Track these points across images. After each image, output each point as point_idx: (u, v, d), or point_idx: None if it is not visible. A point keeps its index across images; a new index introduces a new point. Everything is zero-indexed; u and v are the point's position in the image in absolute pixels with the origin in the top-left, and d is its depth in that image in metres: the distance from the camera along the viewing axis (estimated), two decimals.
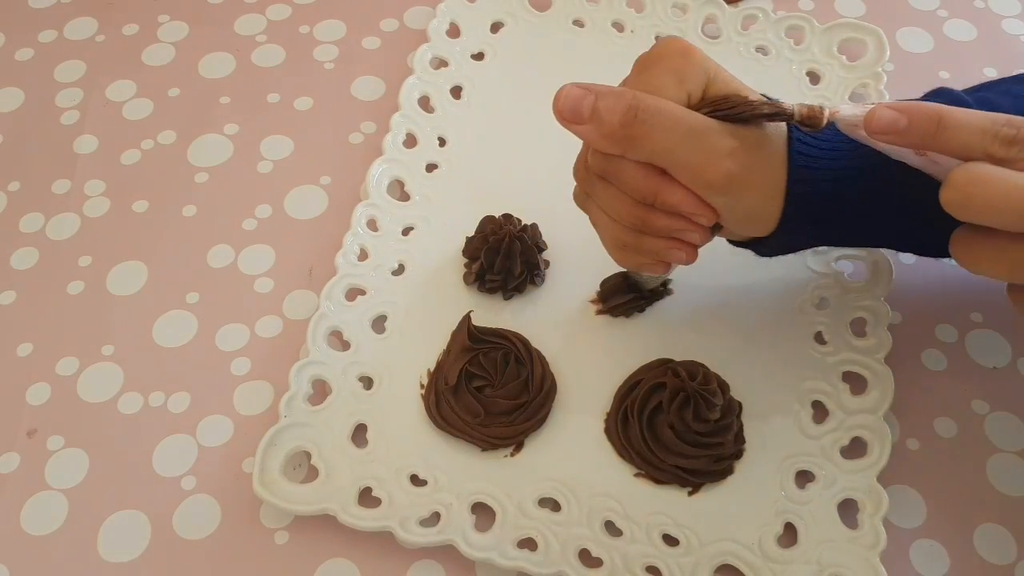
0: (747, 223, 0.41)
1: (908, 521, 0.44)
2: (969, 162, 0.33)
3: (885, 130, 0.34)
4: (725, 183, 0.37)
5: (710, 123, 0.37)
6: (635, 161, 0.38)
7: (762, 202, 0.40)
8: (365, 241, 0.52)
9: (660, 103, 0.37)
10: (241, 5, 0.65)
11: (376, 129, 0.58)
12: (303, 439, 0.45)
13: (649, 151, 0.37)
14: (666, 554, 0.42)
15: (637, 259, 0.42)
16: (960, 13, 0.65)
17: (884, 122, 0.34)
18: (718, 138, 0.37)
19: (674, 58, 0.38)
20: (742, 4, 0.63)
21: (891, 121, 0.34)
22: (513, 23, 0.63)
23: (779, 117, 0.37)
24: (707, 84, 0.38)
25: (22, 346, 0.49)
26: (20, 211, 0.55)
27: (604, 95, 0.37)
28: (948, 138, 0.33)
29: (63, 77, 0.61)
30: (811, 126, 0.37)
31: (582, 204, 0.43)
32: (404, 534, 0.42)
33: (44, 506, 0.44)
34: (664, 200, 0.38)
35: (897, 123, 0.34)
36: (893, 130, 0.34)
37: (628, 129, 0.36)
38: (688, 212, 0.39)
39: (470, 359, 0.46)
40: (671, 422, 0.44)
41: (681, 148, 0.37)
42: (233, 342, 0.50)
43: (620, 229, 0.41)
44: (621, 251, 0.43)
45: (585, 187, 0.42)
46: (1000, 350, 0.49)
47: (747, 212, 0.40)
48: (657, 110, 0.36)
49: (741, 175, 0.38)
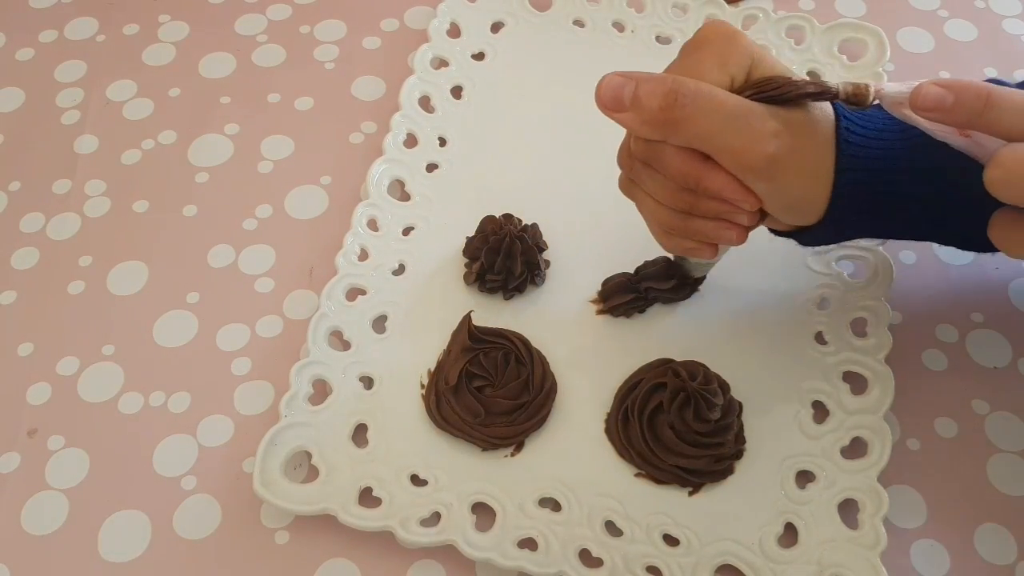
0: (792, 210, 0.40)
1: (908, 521, 0.44)
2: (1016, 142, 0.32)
3: (931, 107, 0.33)
4: (768, 166, 0.37)
5: (753, 106, 0.37)
6: (677, 147, 0.37)
7: (808, 187, 0.39)
8: (365, 241, 0.52)
9: (700, 87, 0.36)
10: (242, 5, 0.65)
11: (376, 129, 0.58)
12: (303, 439, 0.45)
13: (690, 135, 0.37)
14: (666, 554, 0.42)
15: (684, 243, 0.42)
16: (961, 13, 0.65)
17: (931, 98, 0.33)
18: (761, 120, 0.37)
19: (717, 42, 0.38)
20: (742, 4, 0.63)
21: (938, 98, 0.33)
22: (514, 23, 0.63)
23: (824, 96, 0.37)
24: (751, 68, 0.38)
25: (23, 346, 0.49)
26: (21, 211, 0.55)
27: (645, 81, 0.36)
28: (995, 118, 0.32)
29: (64, 77, 0.61)
30: (857, 104, 0.36)
31: (627, 191, 0.43)
32: (404, 534, 0.42)
33: (44, 506, 0.44)
34: (706, 186, 0.38)
35: (944, 100, 0.33)
36: (939, 107, 0.33)
37: (668, 113, 0.36)
38: (730, 198, 0.38)
39: (470, 359, 0.46)
40: (671, 422, 0.44)
41: (722, 132, 0.36)
42: (234, 342, 0.50)
43: (667, 213, 0.40)
44: (668, 236, 0.42)
45: (629, 173, 0.41)
46: (1001, 350, 0.49)
47: (793, 198, 0.39)
48: (697, 94, 0.36)
49: (785, 158, 0.37)
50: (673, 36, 0.62)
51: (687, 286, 0.49)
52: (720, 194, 0.38)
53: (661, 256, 0.50)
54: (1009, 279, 0.52)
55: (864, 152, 0.39)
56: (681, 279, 0.49)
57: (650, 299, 0.50)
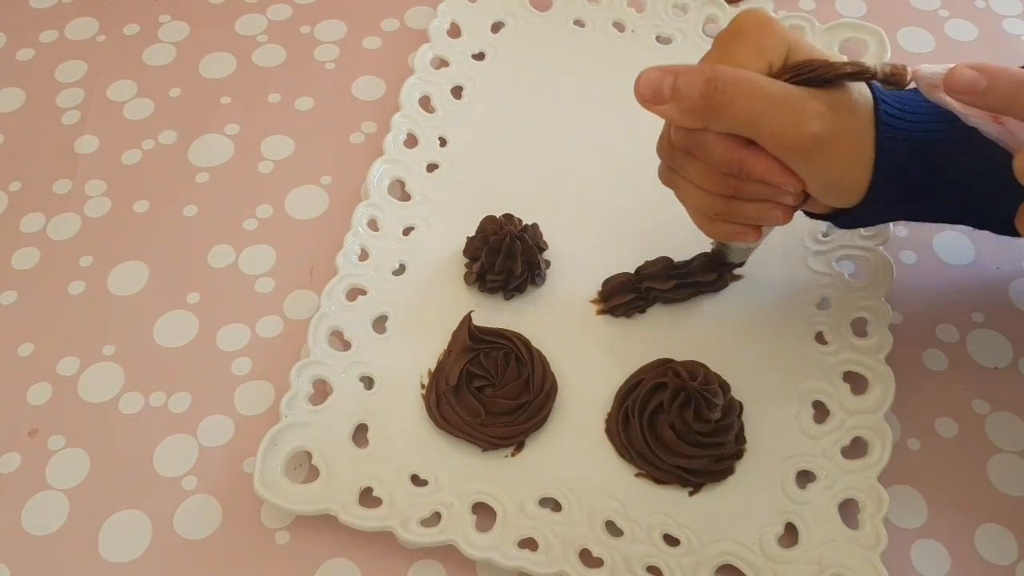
0: (834, 191, 0.40)
1: (909, 521, 0.44)
2: None
3: (964, 89, 0.33)
4: (812, 146, 0.37)
5: (793, 88, 0.37)
6: (718, 133, 0.38)
7: (850, 168, 0.39)
8: (366, 241, 0.52)
9: (739, 73, 0.37)
10: (242, 5, 0.65)
11: (377, 129, 0.58)
12: (304, 439, 0.45)
13: (732, 121, 0.37)
14: (667, 554, 0.42)
15: (728, 228, 0.42)
16: (961, 13, 0.65)
17: (964, 81, 0.33)
18: (803, 102, 0.37)
19: (753, 30, 0.38)
20: (743, 4, 0.63)
21: (971, 81, 0.33)
22: (514, 23, 0.63)
23: (862, 76, 0.37)
24: (788, 54, 0.38)
25: (23, 346, 0.49)
26: (21, 211, 0.55)
27: (683, 73, 0.37)
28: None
29: (64, 77, 0.61)
30: (894, 84, 0.36)
31: (667, 180, 0.43)
32: (405, 534, 0.42)
33: (45, 506, 0.44)
34: (750, 170, 0.38)
35: (977, 83, 0.33)
36: (972, 90, 0.33)
37: (710, 100, 0.36)
38: (774, 181, 0.39)
39: (471, 359, 0.46)
40: (672, 422, 0.44)
41: (765, 115, 0.37)
42: (234, 342, 0.50)
43: (711, 199, 0.41)
44: (711, 222, 0.43)
45: (670, 163, 0.42)
46: (1001, 350, 0.49)
47: (834, 179, 0.39)
48: (737, 80, 0.36)
49: (829, 138, 0.37)
50: (673, 36, 0.62)
51: (687, 285, 0.49)
52: (764, 177, 0.39)
53: (662, 256, 0.50)
54: (1010, 279, 0.52)
55: (903, 133, 0.39)
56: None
57: (651, 299, 0.50)
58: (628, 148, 0.56)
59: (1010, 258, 0.52)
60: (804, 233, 0.52)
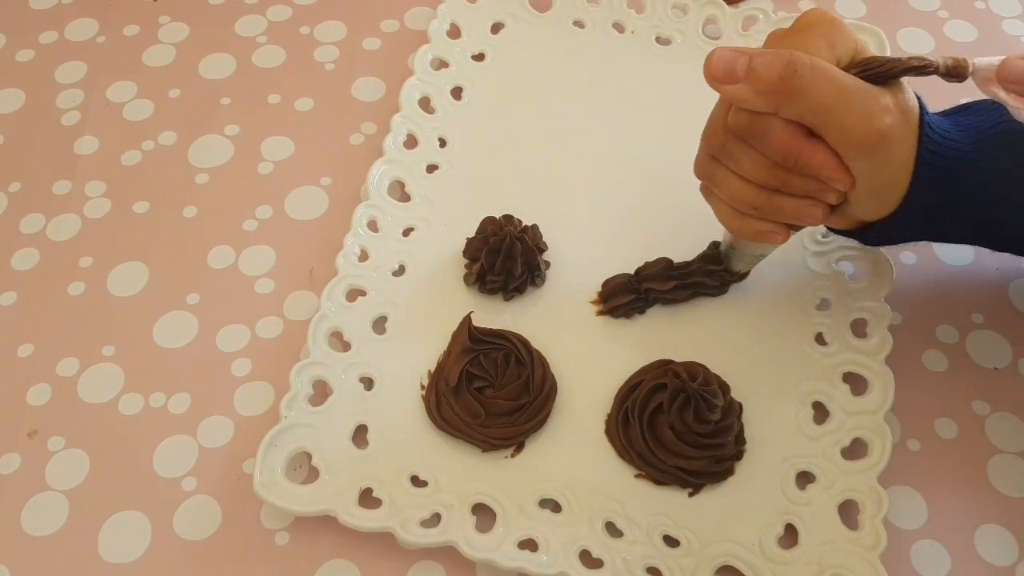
0: (879, 195, 0.40)
1: (909, 522, 0.44)
2: None
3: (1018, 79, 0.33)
4: (878, 142, 0.37)
5: (865, 83, 0.37)
6: (783, 120, 0.38)
7: (899, 172, 0.40)
8: (366, 242, 0.52)
9: (817, 61, 0.37)
10: (241, 6, 0.65)
11: (376, 130, 0.58)
12: (304, 440, 0.45)
13: (805, 107, 0.37)
14: (667, 555, 0.42)
15: (759, 226, 0.42)
16: (961, 14, 0.65)
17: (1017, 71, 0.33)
18: (875, 97, 0.37)
19: (823, 25, 0.39)
20: (743, 5, 0.63)
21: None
22: (514, 24, 0.63)
23: (926, 70, 0.37)
24: (854, 54, 0.39)
25: (23, 347, 0.49)
26: (21, 212, 0.55)
27: (759, 55, 0.37)
28: None
29: (64, 78, 0.61)
30: (957, 77, 0.37)
31: (706, 170, 0.42)
32: (405, 535, 0.42)
33: (45, 507, 0.44)
34: (807, 162, 0.38)
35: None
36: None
37: (787, 83, 0.36)
38: (828, 175, 0.39)
39: (471, 360, 0.46)
40: (672, 423, 0.44)
41: (838, 105, 0.37)
42: (234, 343, 0.50)
43: (753, 192, 0.41)
44: (742, 219, 0.42)
45: (718, 151, 0.41)
46: (1001, 351, 0.49)
47: (885, 182, 0.40)
48: (815, 66, 0.37)
49: (891, 138, 0.38)
50: (673, 37, 0.62)
51: (687, 286, 0.49)
52: (819, 171, 0.39)
53: (662, 257, 0.50)
54: (1009, 280, 0.52)
55: (940, 148, 0.40)
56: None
57: (650, 300, 0.50)
58: (628, 149, 0.56)
59: (1010, 259, 0.52)
60: (804, 234, 0.52)
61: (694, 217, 0.47)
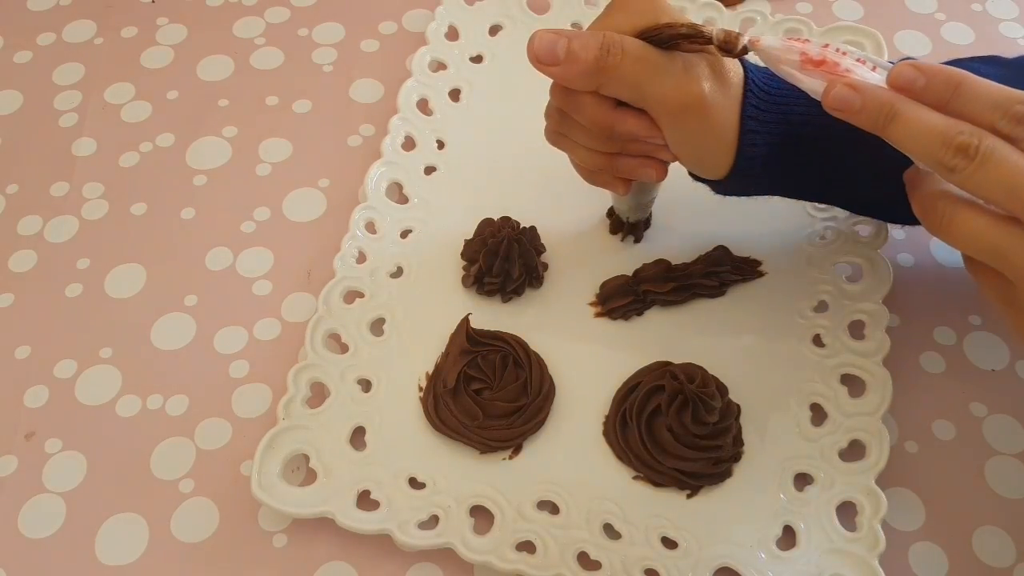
0: (713, 155, 0.42)
1: (907, 524, 0.44)
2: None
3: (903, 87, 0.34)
4: (697, 104, 0.39)
5: (682, 55, 0.39)
6: (592, 97, 0.40)
7: (717, 141, 0.41)
8: (363, 244, 0.52)
9: (628, 40, 0.39)
10: (240, 8, 0.65)
11: (375, 132, 0.58)
12: (301, 442, 0.45)
13: (622, 84, 0.39)
14: (665, 557, 0.42)
15: (606, 179, 0.45)
16: (958, 16, 0.65)
17: (903, 79, 0.34)
18: (687, 68, 0.39)
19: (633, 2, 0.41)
20: (740, 7, 0.64)
21: (911, 79, 0.34)
22: (511, 26, 0.63)
23: (698, 37, 0.38)
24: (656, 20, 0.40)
25: (20, 349, 0.49)
26: (18, 214, 0.55)
27: (577, 36, 0.39)
28: (961, 105, 0.33)
29: (62, 80, 0.61)
30: (727, 51, 0.38)
31: (555, 140, 0.45)
32: (403, 537, 0.42)
33: (42, 509, 0.44)
34: (620, 129, 0.41)
35: (915, 83, 0.34)
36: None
37: (602, 62, 0.38)
38: (644, 136, 0.41)
39: (468, 362, 0.46)
40: (670, 425, 0.44)
41: (652, 79, 0.39)
42: (231, 345, 0.50)
43: (596, 156, 0.44)
44: (592, 175, 0.46)
45: (557, 125, 0.44)
46: (998, 353, 0.49)
47: (712, 140, 0.41)
48: (625, 46, 0.38)
49: (709, 102, 0.39)
50: None
51: (685, 288, 0.49)
52: (635, 135, 0.41)
53: (660, 259, 0.50)
54: None
55: (765, 97, 0.41)
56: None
57: (648, 302, 0.50)
58: None
59: None
60: (802, 236, 0.52)
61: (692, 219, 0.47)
